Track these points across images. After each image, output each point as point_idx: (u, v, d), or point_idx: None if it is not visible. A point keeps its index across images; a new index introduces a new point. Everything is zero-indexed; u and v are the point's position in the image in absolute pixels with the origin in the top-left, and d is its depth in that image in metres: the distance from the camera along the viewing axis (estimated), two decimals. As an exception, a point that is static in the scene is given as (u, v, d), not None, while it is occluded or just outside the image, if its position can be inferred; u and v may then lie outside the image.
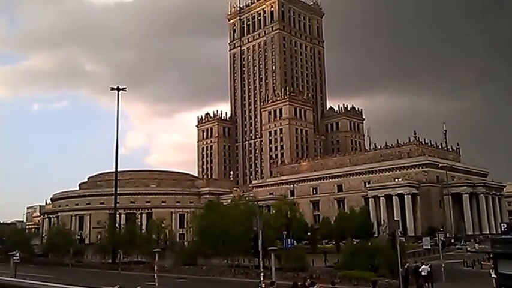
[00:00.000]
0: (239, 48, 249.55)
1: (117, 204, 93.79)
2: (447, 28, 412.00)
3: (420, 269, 39.69)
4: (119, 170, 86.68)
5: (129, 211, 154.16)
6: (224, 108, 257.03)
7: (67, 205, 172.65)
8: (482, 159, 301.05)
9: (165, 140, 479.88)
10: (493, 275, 34.31)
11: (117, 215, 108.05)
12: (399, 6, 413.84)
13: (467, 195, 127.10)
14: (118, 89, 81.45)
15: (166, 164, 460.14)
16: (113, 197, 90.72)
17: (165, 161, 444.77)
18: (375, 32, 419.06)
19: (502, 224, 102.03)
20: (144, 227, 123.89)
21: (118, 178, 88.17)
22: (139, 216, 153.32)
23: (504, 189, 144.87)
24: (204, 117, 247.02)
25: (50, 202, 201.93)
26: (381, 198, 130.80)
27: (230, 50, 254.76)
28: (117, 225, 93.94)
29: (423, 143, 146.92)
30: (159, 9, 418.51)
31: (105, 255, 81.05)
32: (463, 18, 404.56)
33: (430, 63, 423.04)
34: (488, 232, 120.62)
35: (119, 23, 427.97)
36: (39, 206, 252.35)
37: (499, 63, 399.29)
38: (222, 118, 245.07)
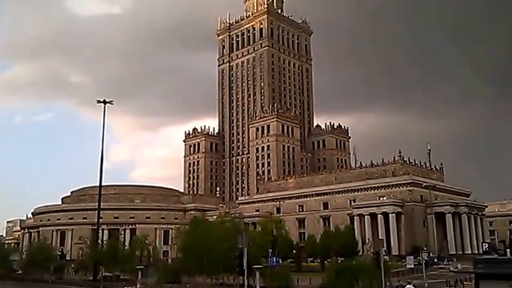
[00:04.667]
0: (228, 63, 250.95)
1: (100, 220, 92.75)
2: (432, 48, 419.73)
3: (404, 289, 39.75)
4: (103, 184, 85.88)
5: (112, 227, 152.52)
6: (212, 123, 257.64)
7: (49, 220, 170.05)
8: (465, 178, 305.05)
9: (151, 154, 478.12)
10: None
11: (100, 231, 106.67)
12: (386, 26, 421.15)
13: (450, 214, 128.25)
14: (105, 102, 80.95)
15: (152, 179, 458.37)
16: (96, 212, 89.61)
17: (150, 175, 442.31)
18: (362, 50, 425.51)
19: (483, 244, 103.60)
20: (127, 243, 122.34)
21: (102, 193, 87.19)
22: (122, 232, 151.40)
23: (486, 209, 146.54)
24: (191, 132, 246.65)
25: (31, 216, 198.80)
26: (365, 216, 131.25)
27: (219, 66, 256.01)
28: (99, 241, 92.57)
29: (407, 162, 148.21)
30: (148, 23, 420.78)
31: (86, 272, 79.79)
32: (449, 40, 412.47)
33: (415, 83, 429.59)
34: (470, 252, 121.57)
35: (106, 35, 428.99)
36: (20, 220, 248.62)
37: (483, 84, 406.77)
38: (210, 133, 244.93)
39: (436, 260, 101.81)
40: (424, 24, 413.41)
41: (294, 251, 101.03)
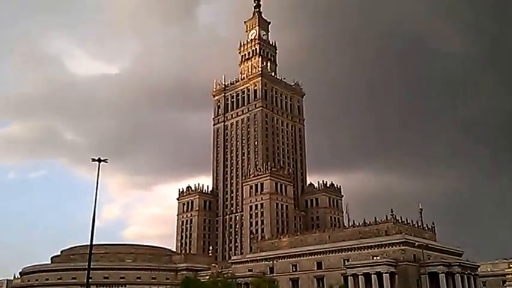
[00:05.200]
0: (223, 123, 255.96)
1: (90, 280, 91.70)
2: (423, 108, 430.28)
3: None
4: (94, 243, 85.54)
5: (102, 287, 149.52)
6: (206, 182, 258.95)
7: (37, 280, 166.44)
8: (457, 237, 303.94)
9: (144, 212, 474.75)
10: None
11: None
12: (378, 87, 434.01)
13: (444, 274, 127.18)
14: (99, 160, 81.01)
15: (144, 237, 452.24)
16: (86, 271, 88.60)
17: (142, 234, 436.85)
18: (354, 111, 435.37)
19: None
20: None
21: (92, 252, 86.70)
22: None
23: (478, 268, 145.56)
24: (185, 190, 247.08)
25: (19, 276, 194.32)
26: (359, 276, 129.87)
27: (214, 125, 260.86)
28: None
29: (400, 221, 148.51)
30: (144, 83, 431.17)
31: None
32: (439, 100, 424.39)
33: (406, 142, 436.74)
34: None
35: (102, 94, 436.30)
36: (7, 280, 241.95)
37: (473, 143, 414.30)
38: (204, 191, 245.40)
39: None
40: (415, 84, 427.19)
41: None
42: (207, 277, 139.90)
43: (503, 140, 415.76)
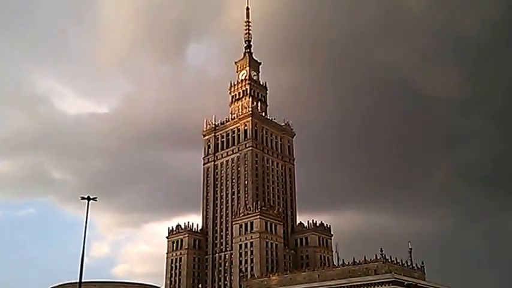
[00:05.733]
0: (213, 162, 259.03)
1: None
2: (413, 148, 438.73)
3: None
4: (83, 280, 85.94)
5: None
6: (195, 220, 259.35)
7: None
8: (446, 277, 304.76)
9: (133, 250, 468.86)
10: None
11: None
12: (369, 129, 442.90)
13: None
14: (88, 199, 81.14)
15: (133, 276, 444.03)
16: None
17: (131, 272, 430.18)
18: (344, 150, 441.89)
19: None
20: None
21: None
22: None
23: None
24: (174, 229, 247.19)
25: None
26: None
27: (204, 164, 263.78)
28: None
29: (389, 260, 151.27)
30: (132, 122, 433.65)
31: None
32: (430, 141, 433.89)
33: (396, 181, 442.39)
34: None
35: (91, 133, 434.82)
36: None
37: (463, 183, 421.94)
38: (193, 230, 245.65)
39: None
40: (407, 126, 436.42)
41: None
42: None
43: (492, 183, 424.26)
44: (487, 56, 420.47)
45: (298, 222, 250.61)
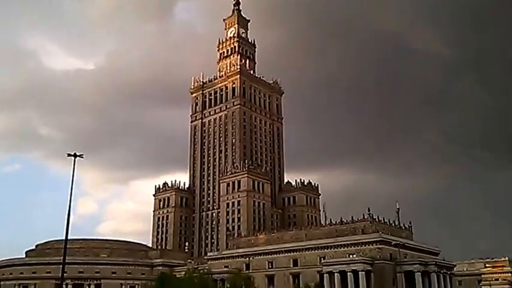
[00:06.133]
0: (200, 120, 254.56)
1: (65, 274, 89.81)
2: (405, 107, 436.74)
3: None
4: (69, 238, 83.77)
5: (76, 281, 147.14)
6: (182, 178, 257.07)
7: (11, 273, 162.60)
8: (434, 237, 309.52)
9: (119, 208, 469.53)
10: None
11: (64, 285, 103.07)
12: (359, 85, 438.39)
13: (420, 273, 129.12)
14: (75, 155, 79.06)
15: (120, 233, 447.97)
16: (61, 266, 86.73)
17: (118, 229, 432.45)
18: (333, 109, 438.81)
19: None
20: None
21: (67, 246, 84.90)
22: (87, 287, 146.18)
23: (454, 268, 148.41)
24: (161, 187, 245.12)
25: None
26: (335, 274, 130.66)
27: (191, 122, 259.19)
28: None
29: (377, 220, 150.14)
30: (118, 78, 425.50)
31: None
32: (421, 99, 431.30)
33: (386, 141, 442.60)
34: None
35: (78, 89, 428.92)
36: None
37: (451, 144, 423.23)
38: (180, 188, 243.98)
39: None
40: (397, 85, 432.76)
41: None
42: (183, 273, 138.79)
43: (481, 142, 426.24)
44: (481, 19, 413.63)
45: (286, 181, 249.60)
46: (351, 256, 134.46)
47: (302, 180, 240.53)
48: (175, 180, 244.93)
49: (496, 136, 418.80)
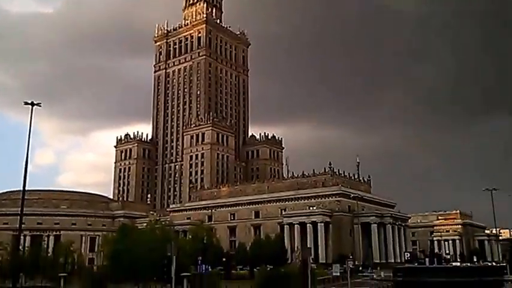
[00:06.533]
0: (164, 70, 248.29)
1: (23, 225, 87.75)
2: (370, 62, 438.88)
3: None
4: (27, 188, 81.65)
5: (35, 233, 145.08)
6: (145, 130, 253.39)
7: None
8: (391, 191, 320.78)
9: (79, 159, 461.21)
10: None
11: (22, 237, 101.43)
12: (325, 42, 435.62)
13: (376, 225, 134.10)
14: (32, 104, 76.20)
15: (80, 185, 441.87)
16: (18, 217, 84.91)
17: (78, 181, 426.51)
18: (298, 64, 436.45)
19: (405, 253, 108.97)
20: (51, 250, 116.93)
21: (25, 197, 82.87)
22: (46, 239, 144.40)
23: (409, 220, 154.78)
24: (123, 138, 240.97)
25: None
26: (295, 225, 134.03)
27: (155, 72, 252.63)
28: (21, 247, 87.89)
29: (337, 173, 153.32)
30: (79, 24, 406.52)
31: (5, 280, 75.42)
32: (382, 63, 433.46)
33: (349, 98, 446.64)
34: (393, 260, 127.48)
35: (34, 34, 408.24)
36: None
37: (415, 102, 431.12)
38: (143, 140, 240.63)
39: (360, 268, 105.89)
40: (363, 41, 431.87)
41: (224, 259, 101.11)
42: (145, 224, 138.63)
43: (443, 102, 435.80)
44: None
45: (250, 134, 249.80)
46: (311, 208, 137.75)
47: (266, 134, 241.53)
48: (138, 132, 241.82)
49: (463, 93, 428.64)
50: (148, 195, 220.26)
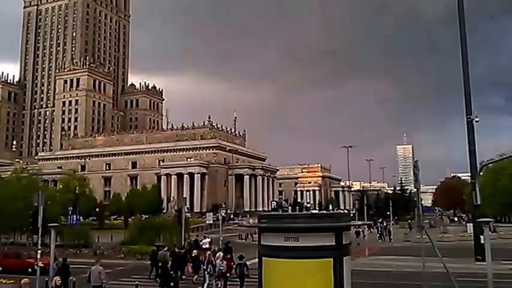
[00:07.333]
0: (36, 6, 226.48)
1: None
2: (246, 24, 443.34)
3: (201, 242, 42.22)
4: None
5: None
6: (11, 70, 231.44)
7: None
8: (265, 145, 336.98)
9: None
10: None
11: None
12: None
13: (248, 176, 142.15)
14: None
15: None
16: None
17: None
18: (184, 16, 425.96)
19: (272, 202, 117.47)
20: None
21: None
22: None
23: (277, 172, 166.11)
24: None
25: None
26: (173, 176, 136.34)
27: (25, 7, 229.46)
28: None
29: (215, 127, 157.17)
30: None
31: None
32: (260, 20, 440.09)
33: (232, 53, 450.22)
34: (262, 209, 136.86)
35: None
36: None
37: (287, 61, 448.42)
38: (8, 81, 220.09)
39: (232, 216, 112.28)
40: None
41: (97, 210, 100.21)
42: (9, 173, 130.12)
43: (315, 62, 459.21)
44: None
45: (129, 83, 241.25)
46: (189, 160, 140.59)
47: (146, 84, 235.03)
48: (3, 73, 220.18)
49: (338, 48, 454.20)
50: (14, 142, 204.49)
